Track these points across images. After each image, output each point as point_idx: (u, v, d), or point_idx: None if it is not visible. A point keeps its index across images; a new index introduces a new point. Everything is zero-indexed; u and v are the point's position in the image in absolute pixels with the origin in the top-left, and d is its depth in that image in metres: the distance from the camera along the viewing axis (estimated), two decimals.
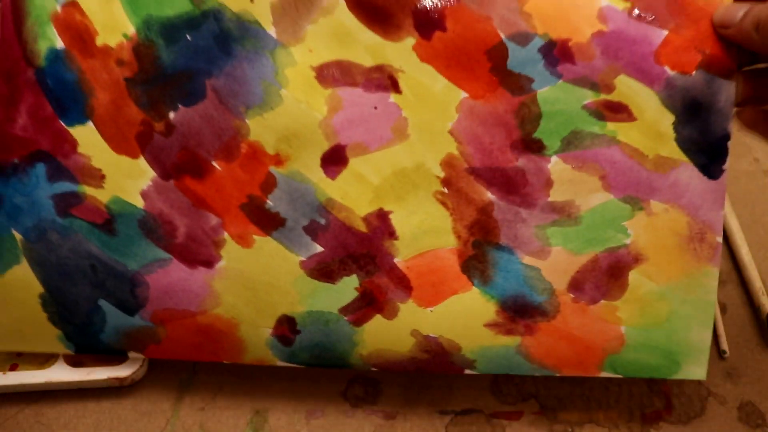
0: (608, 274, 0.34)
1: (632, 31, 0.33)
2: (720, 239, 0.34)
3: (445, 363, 0.34)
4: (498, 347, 0.34)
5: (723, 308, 0.41)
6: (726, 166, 0.33)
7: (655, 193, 0.34)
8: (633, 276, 0.34)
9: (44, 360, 0.37)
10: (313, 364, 0.35)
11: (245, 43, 0.34)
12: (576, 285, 0.34)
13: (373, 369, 0.35)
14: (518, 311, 0.34)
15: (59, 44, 0.33)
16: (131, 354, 0.35)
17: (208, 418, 0.37)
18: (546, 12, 0.34)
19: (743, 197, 0.44)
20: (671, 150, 0.34)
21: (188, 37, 0.33)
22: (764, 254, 0.43)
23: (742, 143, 0.47)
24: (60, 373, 0.36)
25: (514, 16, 0.34)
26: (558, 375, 0.35)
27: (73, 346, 0.35)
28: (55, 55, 0.33)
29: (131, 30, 0.33)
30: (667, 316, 0.34)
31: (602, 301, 0.34)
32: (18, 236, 0.33)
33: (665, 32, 0.33)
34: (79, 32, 0.33)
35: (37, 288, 0.34)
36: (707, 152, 0.33)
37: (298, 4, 0.34)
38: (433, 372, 0.35)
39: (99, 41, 0.33)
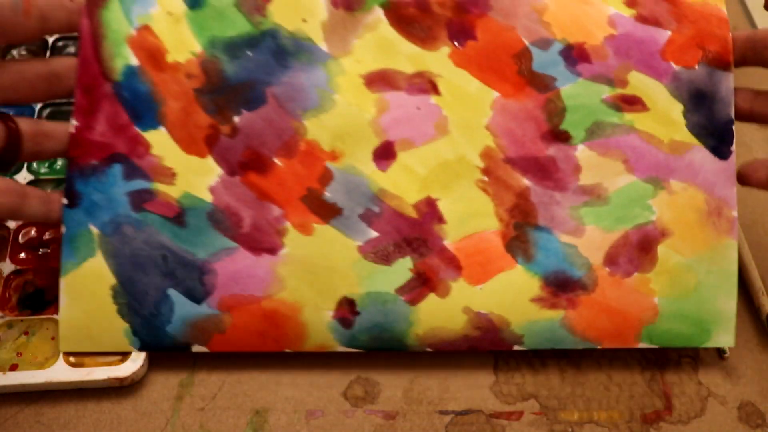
0: (639, 249, 0.37)
1: (639, 33, 0.38)
2: (735, 213, 0.37)
3: (496, 339, 0.36)
4: (543, 321, 0.36)
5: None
6: (733, 147, 0.37)
7: (674, 173, 0.37)
8: (661, 250, 0.37)
9: (44, 360, 0.37)
10: (372, 348, 0.36)
11: (300, 57, 0.38)
12: (611, 259, 0.37)
13: (429, 350, 0.37)
14: (560, 286, 0.37)
15: (134, 62, 0.37)
16: (195, 347, 0.36)
17: (208, 419, 0.37)
18: (562, 21, 0.38)
19: (744, 198, 0.45)
20: (684, 135, 0.38)
21: (249, 53, 0.37)
22: (764, 254, 0.44)
23: (743, 143, 0.49)
24: (60, 373, 0.36)
25: (534, 25, 0.38)
26: (599, 347, 0.37)
27: (139, 342, 0.36)
28: (130, 71, 0.37)
29: (198, 48, 0.37)
30: (695, 286, 0.37)
31: (636, 274, 0.37)
32: (95, 231, 0.36)
33: (668, 33, 0.38)
34: (151, 51, 0.37)
35: (110, 279, 0.36)
36: (716, 135, 0.37)
37: (345, 22, 0.38)
38: (484, 349, 0.37)
39: (169, 58, 0.37)
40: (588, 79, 0.38)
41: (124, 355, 0.37)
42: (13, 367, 0.37)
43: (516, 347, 0.37)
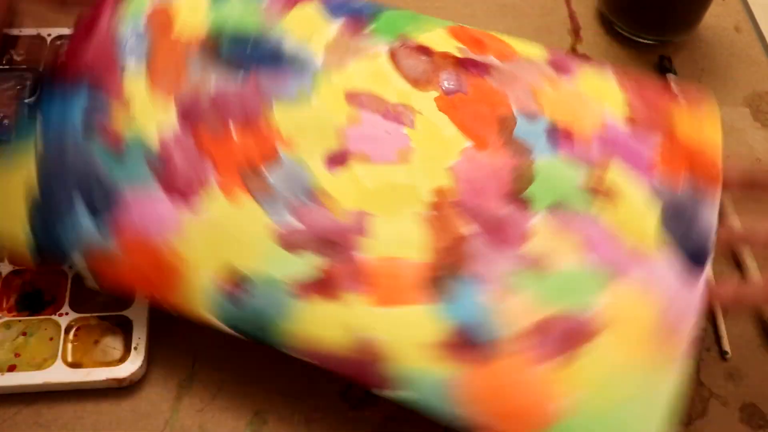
0: (563, 337, 0.32)
1: (630, 141, 0.37)
2: (688, 339, 0.32)
3: (370, 373, 0.32)
4: (431, 376, 0.32)
5: (725, 309, 0.41)
6: (706, 271, 0.33)
7: (631, 272, 0.34)
8: (588, 348, 0.32)
9: (42, 361, 0.37)
10: (245, 332, 0.33)
11: (294, 63, 0.39)
12: (528, 336, 0.32)
13: (293, 352, 0.33)
14: (466, 341, 0.32)
15: (141, 29, 0.39)
16: (75, 256, 0.35)
17: (207, 420, 0.36)
18: (556, 103, 0.38)
19: (744, 197, 0.43)
20: (653, 240, 0.34)
21: (249, 45, 0.39)
22: (765, 254, 0.43)
23: (745, 143, 0.47)
24: (58, 374, 0.36)
25: (527, 99, 0.38)
26: None
27: (33, 241, 0.35)
28: (135, 32, 0.39)
29: (204, 32, 0.39)
30: (621, 402, 0.31)
31: (549, 363, 0.32)
32: (39, 142, 0.36)
33: (658, 138, 0.37)
34: (160, 25, 0.39)
35: (32, 181, 0.36)
36: (689, 252, 0.34)
37: (348, 46, 0.40)
38: (354, 378, 0.32)
39: (174, 32, 0.39)
40: (565, 159, 0.36)
41: (123, 356, 0.37)
42: (12, 368, 0.37)
43: (386, 392, 0.32)
